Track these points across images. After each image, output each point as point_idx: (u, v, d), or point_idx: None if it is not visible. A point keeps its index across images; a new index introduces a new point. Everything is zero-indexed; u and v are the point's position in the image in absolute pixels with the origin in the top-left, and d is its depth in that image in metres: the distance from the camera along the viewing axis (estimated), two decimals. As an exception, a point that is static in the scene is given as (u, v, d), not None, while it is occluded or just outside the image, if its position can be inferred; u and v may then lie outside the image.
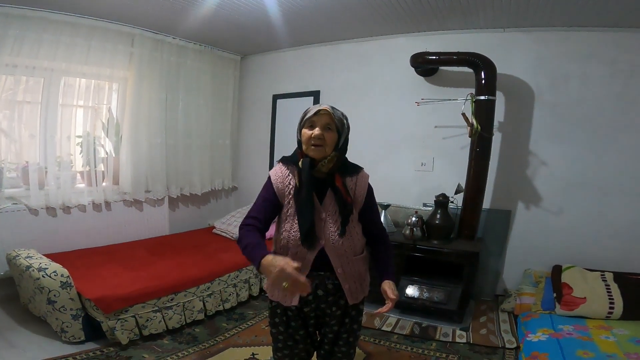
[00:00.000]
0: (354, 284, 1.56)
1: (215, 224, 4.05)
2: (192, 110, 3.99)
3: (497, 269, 3.26)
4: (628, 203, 2.84)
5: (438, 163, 3.45)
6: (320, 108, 1.48)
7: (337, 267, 1.51)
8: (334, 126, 1.49)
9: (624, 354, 1.93)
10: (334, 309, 1.57)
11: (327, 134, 1.47)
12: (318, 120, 1.47)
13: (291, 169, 1.56)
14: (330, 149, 1.49)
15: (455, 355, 2.42)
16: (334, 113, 1.49)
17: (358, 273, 1.58)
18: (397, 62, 3.44)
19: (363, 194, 1.57)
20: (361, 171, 1.61)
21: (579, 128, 2.95)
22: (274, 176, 1.57)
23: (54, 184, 3.07)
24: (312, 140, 1.47)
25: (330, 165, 1.49)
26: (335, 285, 1.54)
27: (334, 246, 1.51)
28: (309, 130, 1.48)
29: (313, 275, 1.51)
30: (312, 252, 1.49)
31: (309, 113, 1.50)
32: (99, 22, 3.10)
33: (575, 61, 2.91)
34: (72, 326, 2.33)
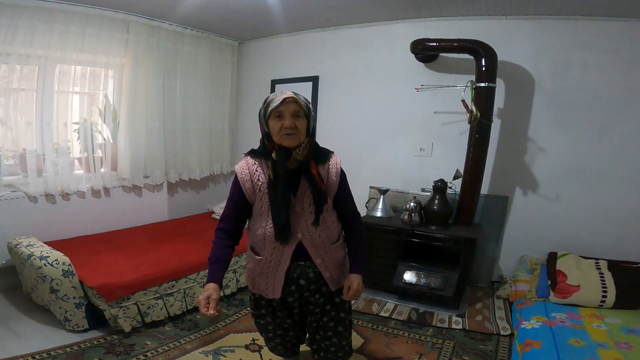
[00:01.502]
0: (334, 271, 1.58)
1: (214, 208, 4.07)
2: (190, 95, 3.95)
3: (493, 256, 3.30)
4: (624, 191, 2.86)
5: (437, 149, 3.45)
6: (286, 96, 1.41)
7: (316, 258, 1.52)
8: (302, 112, 1.44)
9: (615, 343, 1.95)
10: (317, 297, 1.59)
11: (298, 121, 1.42)
12: (285, 109, 1.41)
13: (260, 163, 1.51)
14: (303, 135, 1.45)
15: (452, 341, 2.48)
16: (299, 99, 1.44)
17: (337, 260, 1.59)
18: (397, 48, 3.39)
19: (336, 180, 1.54)
20: (332, 156, 1.57)
21: (577, 116, 2.95)
22: (241, 173, 1.51)
23: (52, 171, 3.06)
24: (283, 130, 1.41)
25: (305, 152, 1.45)
26: (316, 273, 1.55)
27: (310, 238, 1.51)
28: (277, 120, 1.42)
29: (293, 266, 1.53)
30: (290, 245, 1.50)
31: (273, 103, 1.42)
32: (93, 9, 3.02)
33: (576, 49, 2.88)
34: (76, 315, 2.36)
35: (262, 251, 1.54)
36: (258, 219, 1.53)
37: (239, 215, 1.56)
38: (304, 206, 1.49)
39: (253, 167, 1.51)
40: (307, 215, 1.49)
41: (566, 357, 1.84)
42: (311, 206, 1.49)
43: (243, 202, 1.53)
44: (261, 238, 1.51)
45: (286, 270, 1.52)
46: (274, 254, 1.51)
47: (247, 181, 1.49)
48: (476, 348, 2.40)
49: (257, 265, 1.56)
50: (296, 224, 1.48)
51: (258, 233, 1.52)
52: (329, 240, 1.55)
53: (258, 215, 1.52)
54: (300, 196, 1.49)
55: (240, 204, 1.53)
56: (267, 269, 1.54)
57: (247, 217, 1.57)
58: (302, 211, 1.49)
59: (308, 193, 1.49)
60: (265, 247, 1.52)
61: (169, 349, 2.30)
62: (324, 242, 1.53)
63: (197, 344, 2.38)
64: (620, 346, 1.93)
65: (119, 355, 2.20)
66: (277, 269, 1.52)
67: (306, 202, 1.49)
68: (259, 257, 1.55)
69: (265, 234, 1.49)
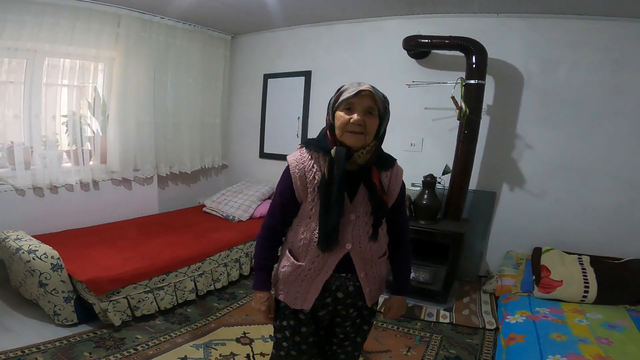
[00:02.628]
0: (374, 286, 1.43)
1: (205, 202, 4.06)
2: (182, 89, 3.92)
3: (481, 250, 3.36)
4: (608, 187, 2.92)
5: (427, 144, 3.48)
6: (362, 88, 1.22)
7: (361, 271, 1.36)
8: (376, 110, 1.25)
9: (595, 338, 1.99)
10: (350, 311, 1.44)
11: (369, 119, 1.24)
12: (358, 103, 1.23)
13: (317, 157, 1.32)
14: (370, 137, 1.27)
15: (439, 335, 2.53)
16: (377, 94, 1.25)
17: (380, 276, 1.45)
18: (390, 44, 3.41)
19: (397, 191, 1.38)
20: (396, 164, 1.40)
21: (565, 113, 2.99)
22: (294, 166, 1.32)
23: (40, 164, 3.03)
24: (350, 127, 1.23)
25: (367, 156, 1.27)
26: (357, 287, 1.38)
27: (361, 250, 1.34)
28: (346, 113, 1.24)
29: (334, 277, 1.36)
30: (336, 255, 1.33)
31: (346, 92, 1.24)
32: (82, 2, 2.98)
33: (566, 48, 2.92)
34: (65, 309, 2.35)
35: (302, 257, 1.36)
36: (305, 221, 1.35)
37: (287, 213, 1.39)
38: (359, 215, 1.32)
39: (309, 162, 1.32)
40: (361, 225, 1.33)
41: (548, 352, 1.87)
42: (367, 216, 1.32)
43: (292, 199, 1.35)
44: (305, 242, 1.34)
45: (326, 280, 1.36)
46: (316, 262, 1.34)
47: (301, 174, 1.31)
48: (463, 342, 2.45)
49: (294, 271, 1.38)
50: (347, 233, 1.31)
51: (302, 236, 1.35)
52: (377, 254, 1.40)
53: (306, 216, 1.34)
54: (358, 203, 1.32)
55: (289, 201, 1.36)
56: (304, 277, 1.36)
57: (294, 215, 1.39)
58: (357, 220, 1.32)
59: (366, 202, 1.32)
60: (307, 253, 1.34)
61: (160, 343, 2.31)
62: (373, 256, 1.38)
63: (188, 337, 2.39)
64: (600, 341, 1.97)
65: (109, 349, 2.21)
66: (315, 277, 1.36)
67: (362, 211, 1.32)
68: (298, 262, 1.37)
69: (312, 239, 1.33)
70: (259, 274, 1.41)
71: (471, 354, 2.32)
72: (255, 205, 3.78)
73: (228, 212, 3.73)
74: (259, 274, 1.41)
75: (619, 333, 2.06)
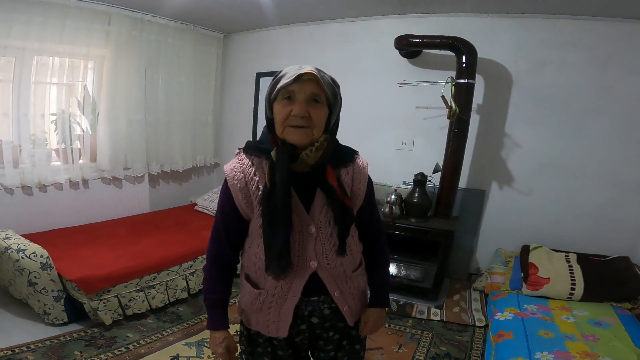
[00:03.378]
0: (354, 302, 1.24)
1: (197, 200, 4.05)
2: (173, 87, 3.89)
3: (471, 248, 3.39)
4: (595, 186, 2.97)
5: (418, 142, 3.50)
6: (303, 72, 0.99)
7: (334, 290, 1.17)
8: (323, 97, 1.03)
9: (582, 335, 2.03)
10: (330, 334, 1.25)
11: (314, 109, 1.02)
12: (299, 90, 1.00)
13: (259, 163, 1.10)
14: (319, 130, 1.04)
15: (430, 332, 2.56)
16: (323, 78, 1.03)
17: (358, 290, 1.25)
18: (382, 43, 3.42)
19: (362, 190, 1.16)
20: (357, 157, 1.18)
21: (552, 112, 3.03)
22: (232, 177, 1.10)
23: (28, 162, 2.99)
24: (291, 120, 1.02)
25: (319, 154, 1.05)
26: (333, 309, 1.20)
27: (329, 267, 1.14)
28: (285, 104, 1.02)
29: (304, 301, 1.17)
30: (300, 277, 1.12)
31: (284, 79, 1.01)
32: (72, 1, 2.95)
33: (554, 48, 2.95)
34: (55, 308, 2.34)
35: (262, 283, 1.17)
36: (256, 241, 1.13)
37: (233, 234, 1.16)
38: (320, 225, 1.11)
39: (249, 170, 1.09)
40: (325, 238, 1.12)
41: (536, 349, 1.90)
42: (331, 226, 1.11)
43: (236, 216, 1.13)
44: (260, 266, 1.13)
45: (295, 305, 1.16)
46: (279, 287, 1.13)
47: (241, 189, 1.09)
48: (453, 339, 2.48)
49: (255, 300, 1.17)
50: (309, 249, 1.11)
51: (256, 259, 1.14)
52: (350, 267, 1.20)
53: (256, 235, 1.12)
54: (316, 212, 1.10)
55: (233, 220, 1.14)
56: (269, 305, 1.16)
57: (244, 235, 1.18)
58: (319, 232, 1.11)
59: (326, 209, 1.10)
60: (266, 278, 1.14)
61: (152, 341, 2.31)
62: (345, 271, 1.18)
63: (180, 335, 2.40)
64: (587, 338, 2.00)
65: (100, 348, 2.20)
66: (282, 304, 1.15)
67: (323, 221, 1.11)
68: (258, 290, 1.17)
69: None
70: (210, 312, 1.19)
71: (461, 350, 2.36)
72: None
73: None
74: (211, 311, 1.19)
75: (605, 330, 2.09)
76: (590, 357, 1.83)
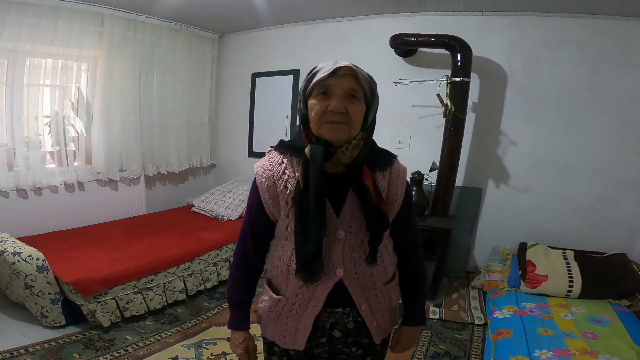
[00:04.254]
0: (383, 318, 1.14)
1: (194, 202, 4.03)
2: (168, 88, 3.88)
3: (468, 246, 3.40)
4: (590, 182, 2.99)
5: (414, 141, 3.50)
6: (340, 65, 0.94)
7: (362, 303, 1.08)
8: (360, 93, 0.97)
9: (581, 332, 2.03)
10: (353, 350, 1.15)
11: (352, 105, 0.96)
12: (336, 85, 0.94)
13: (289, 161, 1.04)
14: (356, 128, 0.99)
15: (429, 330, 2.55)
16: (360, 73, 0.97)
17: (388, 305, 1.15)
18: (377, 42, 3.42)
19: (400, 196, 1.08)
20: (395, 161, 1.11)
21: (547, 110, 3.05)
22: (261, 174, 1.05)
23: (23, 165, 2.98)
24: (327, 116, 0.96)
25: (355, 152, 0.99)
26: (358, 323, 1.11)
27: (357, 277, 1.05)
28: (321, 99, 0.96)
29: (326, 313, 1.08)
30: (324, 285, 1.04)
31: (320, 73, 0.96)
32: (64, 2, 2.93)
33: (548, 46, 2.97)
34: (52, 311, 2.33)
35: (283, 289, 1.10)
36: (281, 243, 1.08)
37: (259, 236, 1.12)
38: (350, 231, 1.03)
39: (279, 168, 1.04)
40: (355, 244, 1.03)
41: (535, 346, 1.90)
42: (362, 232, 1.03)
43: (262, 216, 1.08)
44: (284, 270, 1.07)
45: (316, 316, 1.08)
46: (300, 295, 1.06)
47: (269, 187, 1.04)
48: (452, 337, 2.48)
49: (274, 307, 1.11)
50: (336, 255, 1.03)
51: (280, 263, 1.08)
52: (381, 280, 1.10)
53: (282, 237, 1.07)
54: (346, 216, 1.03)
55: (260, 220, 1.09)
56: (288, 313, 1.09)
57: (271, 237, 1.13)
58: (348, 239, 1.03)
59: (358, 213, 1.02)
60: (288, 284, 1.07)
61: (150, 343, 2.30)
62: (375, 283, 1.09)
63: (178, 337, 2.38)
64: (586, 335, 2.00)
65: (99, 350, 2.19)
66: (302, 314, 1.08)
67: (354, 227, 1.03)
68: (278, 296, 1.11)
69: (290, 266, 1.05)
70: (232, 311, 1.18)
71: (460, 349, 2.35)
72: (244, 205, 3.77)
73: (217, 212, 3.71)
74: (232, 311, 1.18)
75: (604, 327, 2.09)
76: (589, 355, 1.83)
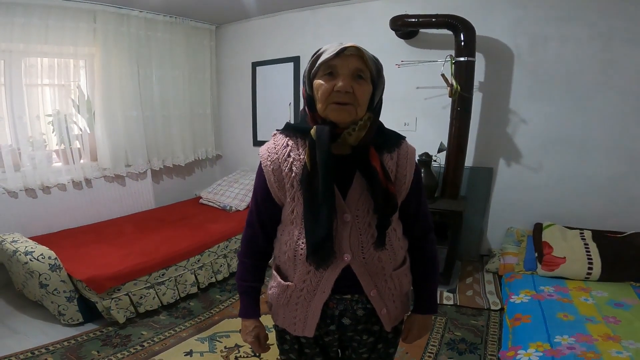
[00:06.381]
0: (393, 305, 1.11)
1: (201, 194, 4.03)
2: (168, 81, 3.85)
3: (481, 228, 3.35)
4: (604, 159, 2.90)
5: (421, 123, 3.44)
6: (346, 45, 0.92)
7: (370, 288, 1.06)
8: (367, 73, 0.95)
9: (602, 317, 1.94)
10: (364, 337, 1.14)
11: (358, 85, 0.94)
12: (342, 65, 0.93)
13: (295, 143, 1.03)
14: (362, 108, 0.96)
15: (443, 317, 2.51)
16: (366, 54, 0.95)
17: (398, 291, 1.12)
18: (377, 25, 3.34)
19: (408, 178, 1.05)
20: (403, 142, 1.08)
21: (557, 87, 2.95)
22: (266, 157, 1.04)
23: (29, 165, 2.98)
24: (334, 96, 0.94)
25: (361, 133, 0.97)
26: (368, 310, 1.09)
27: (365, 262, 1.03)
28: (327, 80, 0.94)
29: (334, 299, 1.07)
30: (332, 271, 1.02)
31: (326, 53, 0.94)
32: (55, 1, 2.89)
33: (554, 24, 2.86)
34: (69, 308, 2.35)
35: (290, 275, 1.09)
36: (288, 228, 1.06)
37: (265, 220, 1.11)
38: (357, 214, 1.01)
39: (284, 151, 1.02)
40: (362, 228, 1.01)
41: (555, 332, 1.82)
42: (369, 215, 1.01)
43: (269, 200, 1.07)
44: (290, 256, 1.06)
45: (324, 302, 1.07)
46: (308, 281, 1.05)
47: (274, 170, 1.03)
48: (468, 323, 2.43)
49: (282, 293, 1.11)
50: (343, 239, 1.01)
51: (286, 248, 1.07)
52: (391, 265, 1.07)
53: (288, 222, 1.06)
54: (353, 199, 1.01)
55: (266, 205, 1.08)
56: (297, 300, 1.08)
57: (278, 222, 1.12)
58: (355, 222, 1.01)
59: (366, 196, 1.00)
60: (295, 270, 1.06)
61: (165, 338, 2.31)
62: (384, 268, 1.06)
63: (192, 331, 2.40)
64: (608, 320, 1.91)
65: (116, 346, 2.21)
66: (310, 300, 1.07)
67: (361, 210, 1.01)
68: (286, 282, 1.10)
69: (297, 251, 1.04)
70: (242, 299, 1.17)
71: (477, 335, 2.30)
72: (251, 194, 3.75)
73: (225, 203, 3.70)
74: (242, 298, 1.17)
75: (626, 311, 2.00)
76: (612, 340, 1.75)
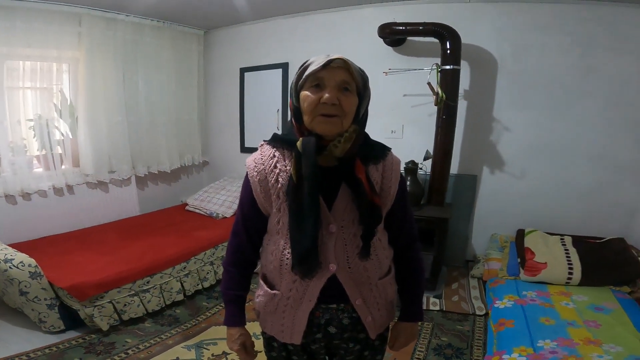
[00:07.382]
0: (378, 313, 1.13)
1: (187, 200, 3.98)
2: (154, 87, 3.80)
3: (466, 235, 3.40)
4: (584, 167, 3.00)
5: (407, 130, 3.48)
6: (333, 58, 0.95)
7: (356, 297, 1.07)
8: (353, 85, 0.98)
9: (583, 321, 1.99)
10: (351, 345, 1.16)
11: (345, 97, 0.96)
12: (329, 77, 0.95)
13: (281, 155, 1.05)
14: (348, 120, 0.99)
15: (430, 322, 2.53)
16: (353, 66, 0.98)
17: (384, 300, 1.14)
18: (366, 32, 3.39)
19: (393, 189, 1.08)
20: (389, 154, 1.11)
21: (539, 95, 3.04)
22: (252, 168, 1.06)
23: (9, 170, 2.91)
24: (320, 108, 0.96)
25: (347, 145, 0.99)
26: (354, 319, 1.10)
27: (350, 272, 1.05)
28: (314, 92, 0.97)
29: (321, 309, 1.08)
30: (318, 280, 1.04)
31: (312, 65, 0.96)
32: (38, 4, 2.84)
33: (535, 32, 2.96)
34: (50, 316, 2.29)
35: (277, 283, 1.10)
36: (274, 238, 1.08)
37: (251, 230, 1.12)
38: (343, 225, 1.03)
39: (270, 162, 1.04)
40: (348, 238, 1.03)
41: (538, 337, 1.86)
42: (355, 226, 1.03)
43: (255, 211, 1.09)
44: (277, 265, 1.07)
45: (310, 311, 1.08)
46: (294, 290, 1.07)
47: (260, 181, 1.04)
48: (454, 329, 2.46)
49: (269, 301, 1.12)
50: (328, 250, 1.03)
51: (273, 257, 1.08)
52: (376, 274, 1.10)
53: (274, 232, 1.08)
54: (339, 210, 1.02)
55: (252, 215, 1.10)
56: (284, 308, 1.10)
57: (264, 232, 1.14)
58: (340, 233, 1.03)
59: (351, 207, 1.02)
60: (282, 279, 1.08)
61: (151, 345, 2.27)
62: (370, 277, 1.08)
63: (178, 338, 2.36)
64: (589, 324, 1.96)
65: (100, 354, 2.16)
66: (296, 309, 1.08)
67: (347, 220, 1.03)
68: (273, 291, 1.11)
69: (283, 261, 1.06)
70: (228, 307, 1.18)
71: (463, 340, 2.33)
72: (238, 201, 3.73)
73: (212, 210, 3.67)
74: (228, 306, 1.18)
75: (606, 315, 2.06)
76: (593, 344, 1.79)
